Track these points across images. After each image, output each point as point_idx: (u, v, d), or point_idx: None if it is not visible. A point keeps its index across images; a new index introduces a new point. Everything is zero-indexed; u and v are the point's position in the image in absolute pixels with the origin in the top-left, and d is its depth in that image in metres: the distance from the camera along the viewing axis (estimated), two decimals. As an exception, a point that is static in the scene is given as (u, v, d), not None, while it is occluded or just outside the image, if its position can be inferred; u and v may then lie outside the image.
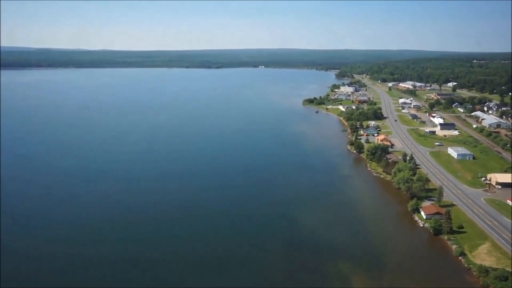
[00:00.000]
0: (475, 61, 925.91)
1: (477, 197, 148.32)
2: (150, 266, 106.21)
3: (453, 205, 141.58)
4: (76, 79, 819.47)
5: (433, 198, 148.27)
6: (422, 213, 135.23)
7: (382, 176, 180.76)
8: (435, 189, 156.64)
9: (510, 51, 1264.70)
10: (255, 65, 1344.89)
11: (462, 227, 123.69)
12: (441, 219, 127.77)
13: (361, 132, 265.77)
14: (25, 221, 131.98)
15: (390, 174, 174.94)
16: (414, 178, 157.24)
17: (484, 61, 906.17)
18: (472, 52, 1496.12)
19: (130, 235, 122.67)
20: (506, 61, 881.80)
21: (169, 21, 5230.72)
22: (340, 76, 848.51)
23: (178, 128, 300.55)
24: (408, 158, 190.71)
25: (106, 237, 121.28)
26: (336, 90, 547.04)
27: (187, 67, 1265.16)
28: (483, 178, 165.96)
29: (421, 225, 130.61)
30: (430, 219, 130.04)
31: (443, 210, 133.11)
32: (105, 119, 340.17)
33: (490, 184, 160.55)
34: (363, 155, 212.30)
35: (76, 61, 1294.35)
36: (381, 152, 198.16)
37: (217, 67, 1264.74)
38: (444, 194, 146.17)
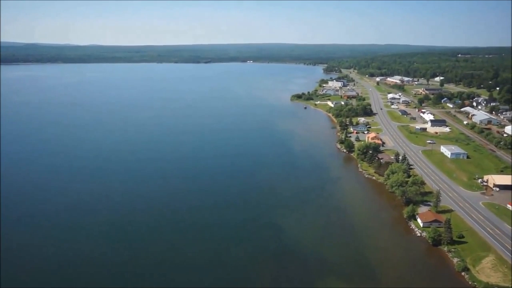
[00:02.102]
0: (460, 55, 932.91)
1: (475, 201, 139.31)
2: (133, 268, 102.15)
3: (451, 210, 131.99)
4: (61, 74, 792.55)
5: (429, 203, 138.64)
6: (419, 220, 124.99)
7: (374, 178, 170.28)
8: (430, 193, 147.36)
9: (493, 45, 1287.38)
10: (243, 60, 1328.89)
11: (463, 237, 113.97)
12: (440, 227, 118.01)
13: (351, 129, 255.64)
14: (19, 220, 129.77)
15: (383, 176, 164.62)
16: (409, 181, 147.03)
17: (469, 56, 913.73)
18: (457, 46, 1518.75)
19: (119, 235, 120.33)
20: (490, 55, 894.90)
21: (158, 16, 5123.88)
22: (328, 70, 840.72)
23: (163, 127, 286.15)
24: (400, 158, 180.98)
25: (98, 237, 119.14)
26: (324, 85, 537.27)
27: (175, 62, 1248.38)
28: (479, 180, 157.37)
29: (418, 234, 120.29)
30: (428, 227, 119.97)
31: (441, 217, 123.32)
32: (87, 116, 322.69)
33: (487, 186, 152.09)
34: (354, 155, 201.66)
35: (64, 56, 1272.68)
36: (372, 152, 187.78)
37: (206, 62, 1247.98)
38: (440, 197, 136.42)
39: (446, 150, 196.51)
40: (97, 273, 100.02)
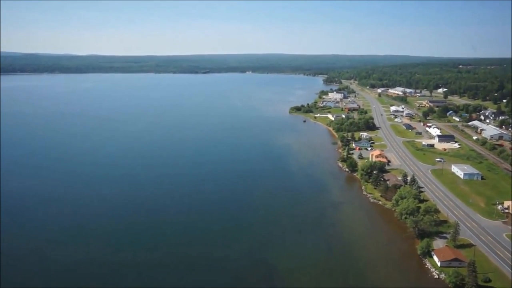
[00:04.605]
0: (461, 66, 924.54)
1: (497, 233, 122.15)
2: None
3: (471, 245, 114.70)
4: (56, 84, 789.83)
5: (445, 235, 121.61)
6: (436, 258, 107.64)
7: (380, 202, 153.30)
8: (445, 222, 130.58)
9: (493, 56, 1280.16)
10: (242, 70, 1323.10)
11: (489, 281, 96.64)
12: (461, 267, 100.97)
13: (353, 145, 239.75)
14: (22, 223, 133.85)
15: (390, 201, 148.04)
16: (421, 208, 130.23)
17: (470, 67, 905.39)
18: (456, 57, 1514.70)
19: (118, 237, 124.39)
20: (492, 67, 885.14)
21: (157, 26, 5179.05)
22: (328, 81, 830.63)
23: (154, 138, 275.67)
24: (409, 179, 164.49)
25: (98, 239, 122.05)
26: (324, 96, 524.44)
27: (174, 72, 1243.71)
28: (499, 206, 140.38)
29: (436, 276, 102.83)
30: (447, 267, 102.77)
31: (462, 255, 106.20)
32: (76, 126, 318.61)
33: (509, 214, 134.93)
34: (357, 175, 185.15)
35: (61, 66, 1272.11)
36: (378, 173, 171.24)
37: (204, 72, 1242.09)
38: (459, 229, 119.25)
39: (458, 170, 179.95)
40: (96, 274, 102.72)
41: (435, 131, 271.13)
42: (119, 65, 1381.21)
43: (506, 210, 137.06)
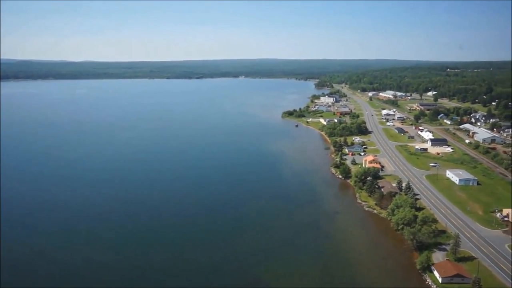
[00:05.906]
0: (449, 69, 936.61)
1: (499, 244, 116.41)
2: None
3: (473, 258, 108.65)
4: (49, 91, 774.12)
5: (444, 246, 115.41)
6: (436, 273, 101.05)
7: (375, 211, 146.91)
8: (444, 232, 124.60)
9: (481, 60, 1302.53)
10: (235, 75, 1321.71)
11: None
12: (464, 282, 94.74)
13: (346, 150, 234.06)
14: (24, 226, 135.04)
15: (385, 209, 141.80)
16: (418, 218, 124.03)
17: (458, 70, 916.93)
18: (444, 61, 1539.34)
19: (116, 240, 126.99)
20: (479, 70, 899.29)
21: (151, 32, 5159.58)
22: (319, 86, 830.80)
23: (150, 144, 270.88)
24: (404, 186, 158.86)
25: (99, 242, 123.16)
26: (316, 101, 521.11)
27: (168, 77, 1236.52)
28: (498, 214, 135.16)
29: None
30: (449, 283, 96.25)
31: (464, 270, 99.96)
32: (72, 132, 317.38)
33: (509, 223, 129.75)
34: (351, 181, 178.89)
35: (55, 73, 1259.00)
36: (372, 180, 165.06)
37: (198, 78, 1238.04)
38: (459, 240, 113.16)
39: (453, 176, 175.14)
40: (95, 274, 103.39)
41: (427, 135, 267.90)
42: (114, 71, 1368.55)
43: (506, 219, 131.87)
